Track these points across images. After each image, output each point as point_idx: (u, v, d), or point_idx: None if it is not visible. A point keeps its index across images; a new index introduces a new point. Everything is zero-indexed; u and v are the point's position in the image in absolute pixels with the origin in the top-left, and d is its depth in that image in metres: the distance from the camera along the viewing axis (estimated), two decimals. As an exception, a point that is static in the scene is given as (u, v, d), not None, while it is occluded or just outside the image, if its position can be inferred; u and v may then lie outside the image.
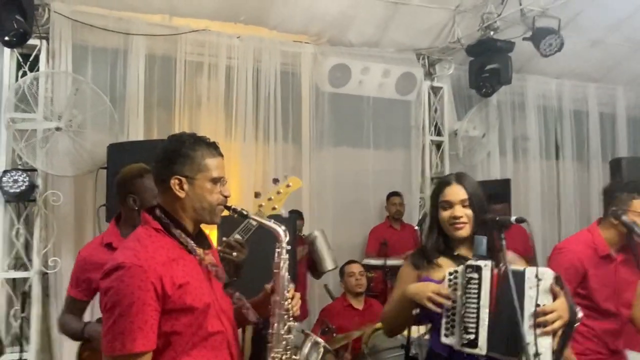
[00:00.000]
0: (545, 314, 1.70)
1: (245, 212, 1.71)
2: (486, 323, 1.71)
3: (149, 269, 1.42)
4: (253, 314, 1.72)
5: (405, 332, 2.15)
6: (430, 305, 1.78)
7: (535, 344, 1.66)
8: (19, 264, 3.96)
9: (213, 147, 1.62)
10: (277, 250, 1.67)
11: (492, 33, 4.64)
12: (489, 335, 1.70)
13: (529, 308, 1.69)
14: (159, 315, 1.45)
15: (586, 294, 2.39)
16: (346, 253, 4.68)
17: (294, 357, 1.63)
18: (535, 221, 5.54)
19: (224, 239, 2.03)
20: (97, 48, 4.23)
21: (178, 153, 1.58)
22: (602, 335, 2.41)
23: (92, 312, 2.55)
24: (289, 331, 1.63)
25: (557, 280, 1.80)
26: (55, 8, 4.01)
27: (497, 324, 1.71)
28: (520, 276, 1.72)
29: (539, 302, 1.70)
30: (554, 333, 1.72)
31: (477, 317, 1.72)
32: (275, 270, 1.67)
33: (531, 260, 2.41)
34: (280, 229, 1.68)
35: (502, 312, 1.71)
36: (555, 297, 1.76)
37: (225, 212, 1.68)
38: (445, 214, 1.95)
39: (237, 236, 2.23)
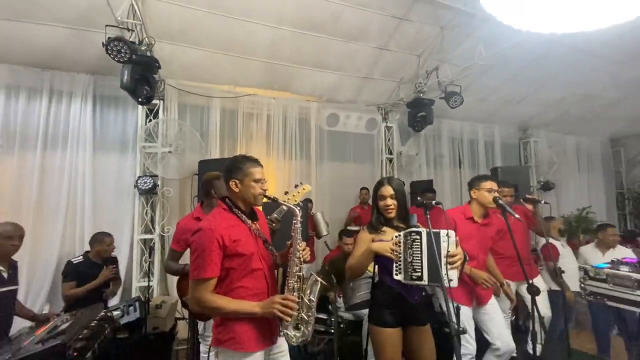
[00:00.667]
0: (453, 256, 1.74)
1: (276, 199, 1.71)
2: (426, 265, 1.72)
3: (215, 231, 1.51)
4: (280, 260, 1.73)
5: (371, 268, 2.13)
6: (390, 255, 1.78)
7: (447, 275, 1.70)
8: (147, 230, 3.98)
9: (255, 161, 1.67)
10: (294, 222, 1.66)
11: (421, 95, 4.65)
12: (428, 272, 1.71)
13: (444, 254, 1.73)
14: (221, 258, 1.50)
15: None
16: (337, 223, 4.72)
17: (303, 286, 1.61)
18: (447, 206, 5.43)
19: (267, 217, 2.05)
20: (192, 105, 4.25)
21: (234, 166, 1.65)
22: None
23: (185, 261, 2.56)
24: (300, 270, 1.61)
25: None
26: (168, 82, 4.05)
27: (430, 264, 1.72)
28: (438, 235, 1.76)
29: (449, 250, 1.74)
30: (457, 268, 1.76)
31: (421, 262, 1.73)
32: (293, 234, 1.66)
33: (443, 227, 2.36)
34: (297, 209, 1.68)
35: (431, 257, 1.73)
36: (457, 246, 1.80)
37: (265, 199, 1.70)
38: (381, 203, 1.97)
39: (275, 215, 2.24)
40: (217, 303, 1.48)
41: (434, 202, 1.88)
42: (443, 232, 1.76)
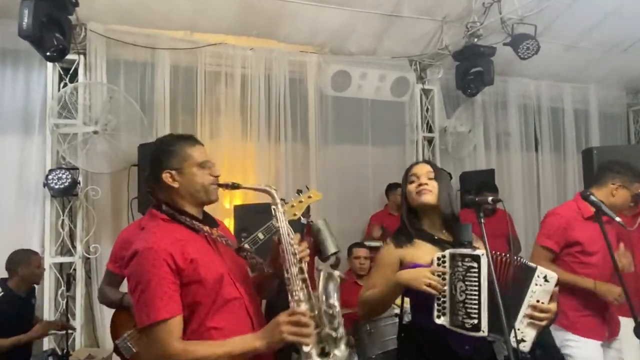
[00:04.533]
0: (542, 311, 1.71)
1: (236, 184, 1.68)
2: (486, 308, 1.67)
3: (158, 249, 1.46)
4: (267, 266, 1.72)
5: (399, 302, 2.10)
6: (428, 290, 1.72)
7: (521, 330, 1.69)
8: (65, 250, 4.02)
9: (191, 139, 1.67)
10: (273, 208, 1.64)
11: (475, 40, 4.61)
12: (490, 319, 1.67)
13: (528, 301, 1.71)
14: (178, 287, 1.48)
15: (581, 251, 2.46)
16: (348, 236, 4.65)
17: (313, 293, 1.59)
18: (517, 208, 5.52)
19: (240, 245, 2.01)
20: (127, 61, 4.25)
21: (163, 151, 1.63)
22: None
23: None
24: (301, 271, 1.58)
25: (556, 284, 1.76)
26: (91, 27, 4.04)
27: (492, 307, 1.68)
28: (531, 272, 1.73)
29: (538, 299, 1.72)
30: (538, 328, 1.73)
31: (479, 303, 1.68)
32: (275, 224, 1.63)
33: (509, 239, 2.34)
34: (270, 189, 1.65)
35: (494, 295, 1.68)
36: (551, 299, 1.75)
37: (221, 189, 1.67)
38: (411, 186, 1.91)
39: (260, 235, 2.23)
40: (197, 352, 1.44)
41: (490, 199, 1.83)
42: (540, 272, 1.73)
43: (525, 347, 1.68)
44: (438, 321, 1.75)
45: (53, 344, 3.73)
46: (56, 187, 3.77)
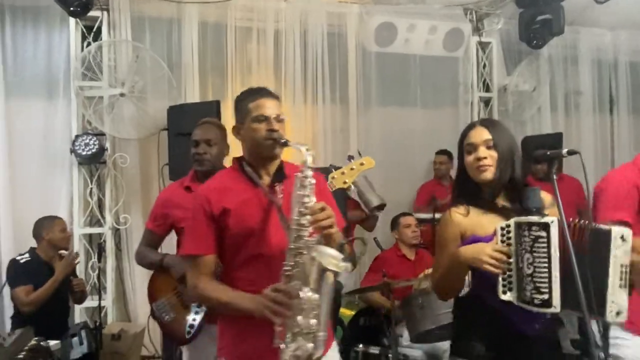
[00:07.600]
0: (627, 273, 1.65)
1: (286, 141, 1.72)
2: (558, 281, 1.64)
3: (200, 194, 1.79)
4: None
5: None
6: (490, 269, 1.71)
7: (617, 303, 1.62)
8: (94, 220, 4.21)
9: (256, 92, 1.80)
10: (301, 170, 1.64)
11: (543, -19, 4.49)
12: (562, 293, 1.64)
13: (615, 268, 1.64)
14: (213, 230, 1.72)
15: None
16: (394, 210, 4.50)
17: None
18: (588, 178, 5.33)
19: None
20: (153, 18, 4.34)
21: (235, 107, 1.85)
22: None
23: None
24: (304, 246, 1.58)
25: None
26: (115, -18, 4.13)
27: (569, 280, 1.63)
28: (607, 235, 1.65)
29: (621, 263, 1.64)
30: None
31: (549, 276, 1.64)
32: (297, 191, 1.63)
33: (584, 207, 2.26)
34: (303, 148, 1.65)
35: (572, 268, 1.63)
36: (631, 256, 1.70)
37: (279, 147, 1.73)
38: (469, 158, 1.86)
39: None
40: (208, 291, 1.69)
41: (565, 151, 1.75)
42: (616, 233, 1.65)
43: (622, 317, 1.63)
44: (504, 297, 1.73)
45: (85, 317, 3.95)
46: (83, 153, 3.94)
